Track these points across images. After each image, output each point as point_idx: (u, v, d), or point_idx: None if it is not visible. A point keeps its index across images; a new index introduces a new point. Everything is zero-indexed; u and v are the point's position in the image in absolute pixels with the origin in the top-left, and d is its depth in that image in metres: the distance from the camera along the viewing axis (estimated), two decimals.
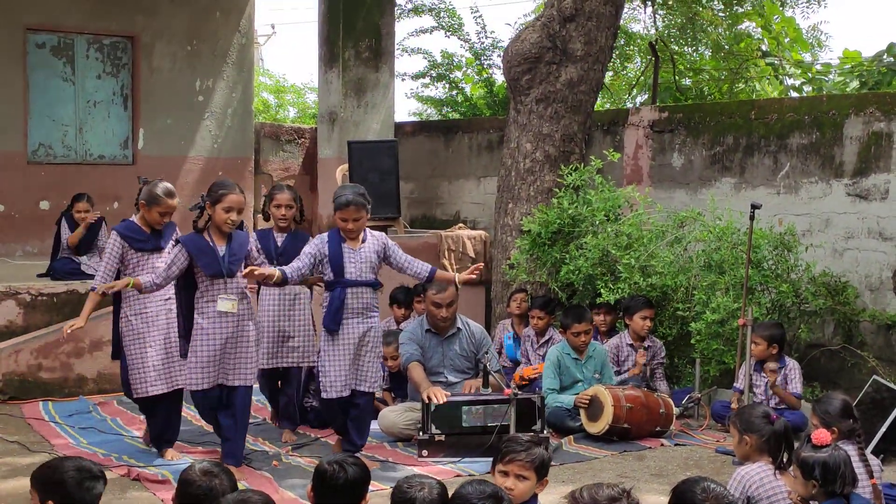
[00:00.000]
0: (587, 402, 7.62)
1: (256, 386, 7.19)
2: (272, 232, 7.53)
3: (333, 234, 6.77)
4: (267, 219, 7.65)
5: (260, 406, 8.07)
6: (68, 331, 6.67)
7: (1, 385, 8.62)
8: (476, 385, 7.54)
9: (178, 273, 6.40)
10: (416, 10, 15.63)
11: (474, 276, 7.02)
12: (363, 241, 6.79)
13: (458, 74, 16.71)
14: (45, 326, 9.01)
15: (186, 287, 6.50)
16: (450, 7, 15.81)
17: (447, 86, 16.71)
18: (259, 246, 7.18)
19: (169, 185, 6.87)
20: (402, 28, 15.34)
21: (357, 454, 6.57)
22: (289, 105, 24.42)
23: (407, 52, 15.90)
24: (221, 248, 6.46)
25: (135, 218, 6.86)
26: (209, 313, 6.42)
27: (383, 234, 7.07)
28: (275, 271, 6.47)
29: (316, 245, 6.73)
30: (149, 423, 7.04)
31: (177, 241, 6.49)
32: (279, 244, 7.49)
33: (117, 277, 6.69)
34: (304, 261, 6.66)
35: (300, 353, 7.52)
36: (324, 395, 6.78)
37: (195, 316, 6.45)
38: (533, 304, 9.08)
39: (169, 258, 6.47)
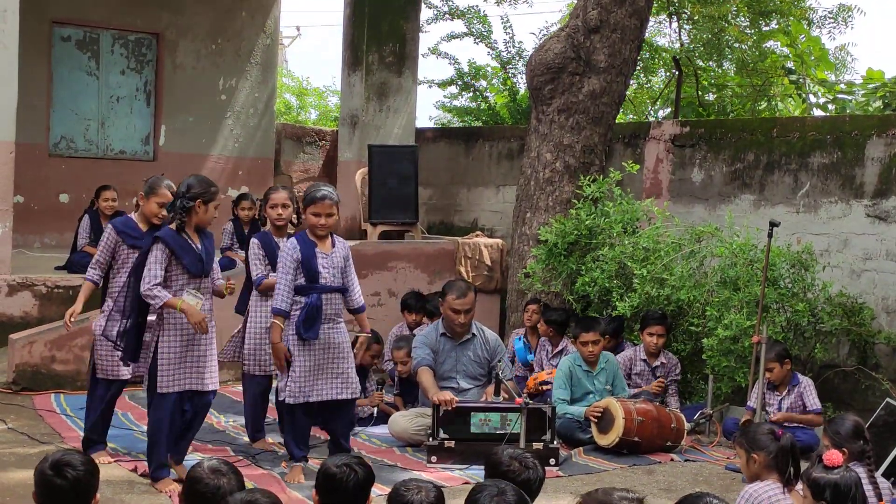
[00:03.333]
0: (599, 413, 7.60)
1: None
2: (271, 235, 7.25)
3: (303, 238, 6.56)
4: (264, 223, 7.44)
5: (272, 407, 8.05)
6: (71, 321, 6.80)
7: (14, 376, 8.66)
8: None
9: (163, 272, 6.16)
10: (451, 13, 15.64)
11: (359, 353, 6.88)
12: (333, 246, 6.64)
13: (483, 83, 16.72)
14: (59, 319, 9.00)
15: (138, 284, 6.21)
16: (482, 14, 15.82)
17: (472, 93, 16.72)
18: (262, 253, 7.12)
19: (169, 181, 6.80)
20: (435, 31, 15.21)
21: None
22: (310, 107, 24.49)
23: (437, 54, 15.91)
24: (198, 245, 6.30)
25: (133, 215, 6.81)
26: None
27: (346, 241, 6.89)
28: (279, 325, 6.41)
29: (289, 254, 6.49)
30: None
31: (154, 239, 6.18)
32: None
33: (108, 270, 6.73)
34: (289, 280, 6.46)
35: None
36: (290, 401, 6.51)
37: (165, 315, 6.20)
38: (544, 316, 9.07)
39: (154, 257, 6.12)
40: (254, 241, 7.20)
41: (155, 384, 6.21)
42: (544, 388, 8.38)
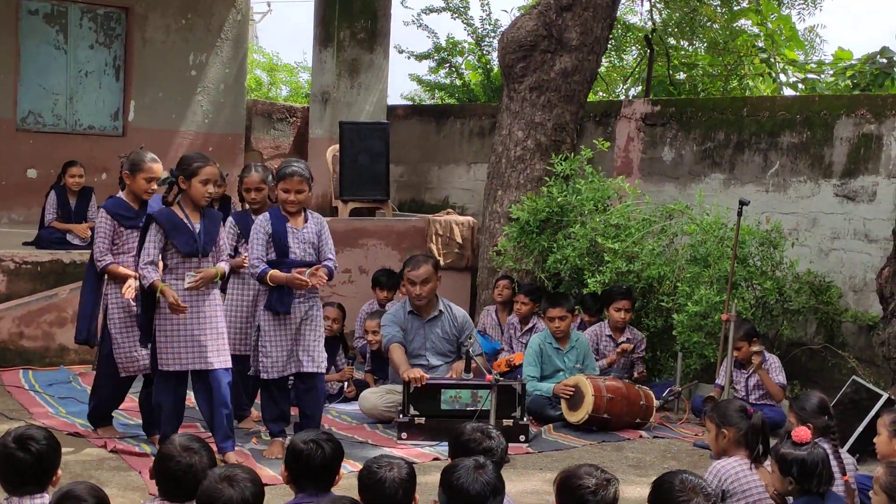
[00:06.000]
0: (571, 392, 7.63)
1: None
2: (250, 214, 7.13)
3: (275, 213, 6.57)
4: (242, 201, 7.41)
5: None
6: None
7: None
8: (462, 368, 7.52)
9: (160, 253, 6.17)
10: None
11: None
12: (306, 221, 6.63)
13: (460, 60, 16.66)
14: (28, 294, 8.97)
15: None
16: None
17: (448, 69, 16.66)
18: (238, 231, 7.08)
19: (152, 153, 6.71)
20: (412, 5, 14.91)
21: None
22: (281, 84, 24.31)
23: (418, 25, 15.82)
24: (196, 225, 6.25)
25: (121, 194, 6.66)
26: (177, 292, 6.15)
27: (322, 217, 6.89)
28: (277, 275, 6.41)
29: (262, 227, 6.51)
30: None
31: (148, 218, 6.21)
32: None
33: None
34: (261, 250, 6.48)
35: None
36: (264, 376, 6.54)
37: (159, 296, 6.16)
38: (519, 289, 9.12)
39: (149, 236, 6.14)
40: (230, 221, 7.17)
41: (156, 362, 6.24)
42: (515, 362, 8.40)
